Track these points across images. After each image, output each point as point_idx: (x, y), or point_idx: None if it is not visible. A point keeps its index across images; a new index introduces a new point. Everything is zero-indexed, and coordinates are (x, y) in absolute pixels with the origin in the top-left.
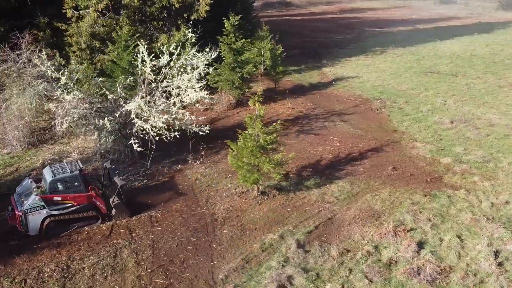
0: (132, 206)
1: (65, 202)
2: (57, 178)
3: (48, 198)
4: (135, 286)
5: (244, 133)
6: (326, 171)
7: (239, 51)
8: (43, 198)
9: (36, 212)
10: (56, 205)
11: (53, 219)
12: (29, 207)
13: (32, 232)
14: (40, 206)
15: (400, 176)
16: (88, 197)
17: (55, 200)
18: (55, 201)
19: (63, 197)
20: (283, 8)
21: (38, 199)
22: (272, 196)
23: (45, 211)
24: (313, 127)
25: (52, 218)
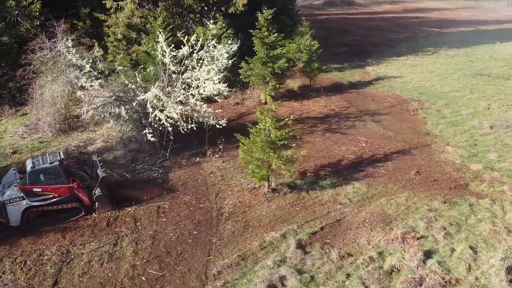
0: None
1: (45, 194)
2: (36, 169)
3: (28, 189)
4: (128, 275)
5: (255, 128)
6: (345, 171)
7: (272, 45)
8: (22, 189)
9: (16, 203)
10: (36, 196)
11: (34, 210)
12: (8, 198)
13: (13, 223)
14: (19, 197)
15: (423, 181)
16: (69, 189)
17: (35, 191)
18: (35, 192)
19: (43, 189)
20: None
21: (17, 190)
22: (283, 193)
23: (25, 202)
24: (342, 126)
25: (33, 210)
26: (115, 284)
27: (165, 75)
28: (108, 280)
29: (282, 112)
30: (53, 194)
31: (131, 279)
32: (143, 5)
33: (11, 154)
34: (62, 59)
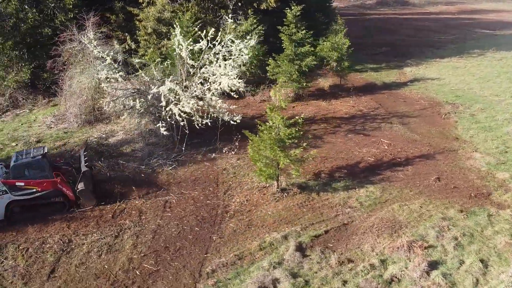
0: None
1: (28, 188)
2: (18, 163)
3: (10, 183)
4: (123, 268)
5: (264, 125)
6: (362, 174)
7: (300, 42)
8: (5, 183)
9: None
10: (19, 191)
11: (18, 204)
12: None
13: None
14: (2, 191)
15: (442, 187)
16: (53, 183)
17: (18, 185)
18: (18, 186)
19: (26, 183)
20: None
21: (0, 184)
22: (292, 194)
23: (8, 196)
24: (366, 127)
25: (16, 204)
26: (109, 276)
27: (183, 69)
28: (103, 271)
29: (307, 111)
30: (36, 188)
31: (126, 272)
32: (175, 0)
33: (35, 142)
34: (90, 51)
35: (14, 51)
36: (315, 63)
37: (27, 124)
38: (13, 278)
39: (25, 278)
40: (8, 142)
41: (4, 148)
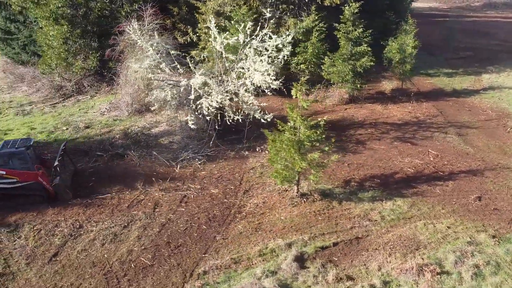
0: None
1: (9, 177)
2: (2, 152)
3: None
4: (121, 259)
5: (284, 125)
6: (395, 185)
7: (357, 41)
8: None
9: None
10: (0, 179)
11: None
12: None
13: None
14: None
15: (480, 208)
16: (33, 176)
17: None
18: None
19: (7, 172)
20: (507, 10)
21: None
22: (312, 200)
23: None
24: (416, 136)
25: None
26: (105, 265)
27: (221, 63)
28: (101, 260)
29: (359, 115)
30: (17, 178)
31: (122, 263)
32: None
33: (84, 128)
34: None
35: (82, 39)
36: (372, 64)
37: (84, 110)
38: (19, 257)
39: (29, 259)
40: (60, 126)
41: (55, 131)
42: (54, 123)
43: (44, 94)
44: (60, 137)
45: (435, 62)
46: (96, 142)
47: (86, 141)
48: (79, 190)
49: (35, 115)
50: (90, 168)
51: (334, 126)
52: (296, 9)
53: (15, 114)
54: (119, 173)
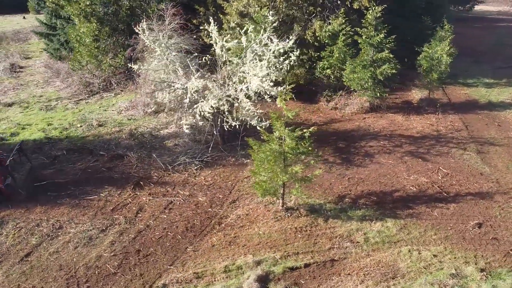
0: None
1: None
2: None
3: None
4: (87, 264)
5: (268, 136)
6: (391, 204)
7: (380, 47)
8: None
9: None
10: None
11: None
12: None
13: None
14: None
15: (478, 236)
16: None
17: None
18: None
19: None
20: None
21: None
22: (297, 215)
23: None
24: (431, 151)
25: None
26: (71, 270)
27: (224, 66)
28: (68, 264)
29: (376, 125)
30: None
31: (87, 269)
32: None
33: (97, 126)
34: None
35: (111, 37)
36: (394, 72)
37: (104, 108)
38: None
39: (2, 257)
40: (76, 123)
41: (69, 128)
42: (71, 120)
43: (73, 90)
44: (73, 134)
45: (478, 70)
46: (102, 141)
47: (94, 139)
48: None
49: (58, 110)
50: (88, 168)
51: (346, 136)
52: (324, 12)
53: (39, 109)
54: (113, 174)
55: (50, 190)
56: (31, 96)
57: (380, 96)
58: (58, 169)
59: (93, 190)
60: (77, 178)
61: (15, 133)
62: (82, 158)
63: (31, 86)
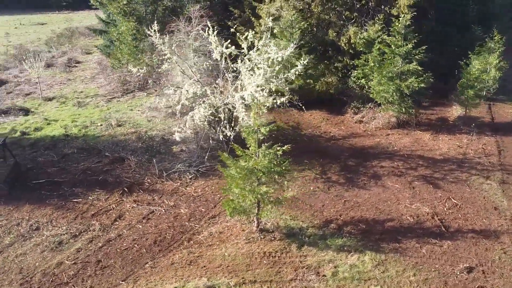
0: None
1: None
2: None
3: None
4: (45, 271)
5: (241, 151)
6: (378, 235)
7: (408, 58)
8: None
9: None
10: None
11: None
12: None
13: None
14: None
15: (463, 282)
16: None
17: None
18: None
19: None
20: None
21: None
22: (270, 239)
23: None
24: (447, 177)
25: None
26: (28, 274)
27: (227, 73)
28: (28, 268)
29: (398, 144)
30: None
31: (44, 275)
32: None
33: (115, 126)
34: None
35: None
36: (422, 86)
37: (131, 107)
38: None
39: None
40: (97, 121)
41: (90, 126)
42: (96, 118)
43: (111, 88)
44: (90, 132)
45: None
46: (112, 142)
47: (108, 139)
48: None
49: (88, 107)
50: (88, 169)
51: (360, 153)
52: (362, 17)
53: (73, 105)
54: (109, 177)
55: (45, 189)
56: (72, 91)
57: (406, 112)
58: (62, 167)
59: (83, 192)
60: (75, 178)
61: (39, 128)
62: (88, 158)
63: (77, 81)
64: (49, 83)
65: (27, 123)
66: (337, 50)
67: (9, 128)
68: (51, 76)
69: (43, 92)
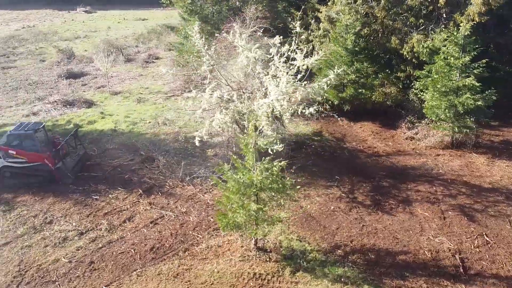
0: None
1: (19, 157)
2: (12, 133)
3: (5, 149)
4: (41, 266)
5: (239, 163)
6: (385, 269)
7: (465, 71)
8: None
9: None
10: (11, 158)
11: (8, 170)
12: None
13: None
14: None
15: None
16: (40, 157)
17: (10, 153)
18: (10, 154)
19: (17, 152)
20: None
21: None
22: (266, 259)
23: (1, 161)
24: (488, 210)
25: (7, 169)
26: (25, 268)
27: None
28: (27, 261)
29: (445, 166)
30: (25, 158)
31: (38, 271)
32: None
33: (161, 124)
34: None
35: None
36: (479, 104)
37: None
38: None
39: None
40: (147, 119)
41: (138, 123)
42: (148, 115)
43: (174, 86)
44: (136, 130)
45: None
46: (151, 141)
47: (150, 138)
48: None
49: (146, 104)
50: (119, 166)
51: (398, 174)
52: (429, 25)
53: (133, 101)
54: (134, 177)
55: (73, 183)
56: (139, 87)
57: (459, 131)
58: (98, 162)
59: (105, 190)
60: (104, 174)
61: (92, 121)
62: (123, 155)
63: (148, 77)
64: (122, 78)
65: (84, 116)
66: (400, 59)
67: (66, 120)
68: (127, 71)
69: (114, 86)
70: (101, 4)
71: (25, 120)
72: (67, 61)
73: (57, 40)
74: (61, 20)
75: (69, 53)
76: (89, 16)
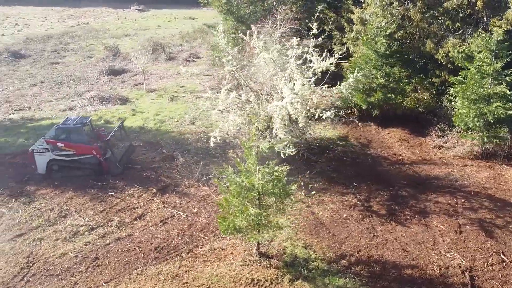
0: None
1: (67, 150)
2: (61, 126)
3: (52, 143)
4: (48, 259)
5: (242, 166)
6: (386, 283)
7: (499, 79)
8: (48, 142)
9: (42, 153)
10: (60, 151)
11: (56, 163)
12: (35, 147)
13: (40, 171)
14: (45, 148)
15: None
16: (88, 149)
17: (58, 146)
18: (59, 147)
19: (65, 145)
20: None
21: (43, 142)
22: (267, 265)
23: (49, 154)
24: (509, 227)
25: (55, 162)
26: (32, 260)
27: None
28: (36, 254)
29: (471, 178)
30: (74, 151)
31: (44, 264)
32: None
33: (189, 123)
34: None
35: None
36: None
37: (214, 106)
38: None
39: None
40: (176, 117)
41: (168, 121)
42: (177, 114)
43: (209, 85)
44: (163, 128)
45: None
46: (175, 139)
47: (175, 136)
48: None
49: (178, 102)
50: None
51: (420, 184)
52: (467, 29)
53: (166, 99)
54: (152, 174)
55: (94, 178)
56: (175, 85)
57: (489, 141)
58: None
59: (122, 186)
60: (125, 171)
61: (122, 118)
62: (146, 152)
63: (185, 76)
64: (160, 75)
65: (116, 112)
66: (435, 64)
67: (98, 116)
68: (167, 69)
69: (150, 84)
70: (155, 3)
71: (62, 114)
72: (112, 58)
73: (107, 38)
74: (115, 18)
75: (115, 51)
76: (142, 14)
